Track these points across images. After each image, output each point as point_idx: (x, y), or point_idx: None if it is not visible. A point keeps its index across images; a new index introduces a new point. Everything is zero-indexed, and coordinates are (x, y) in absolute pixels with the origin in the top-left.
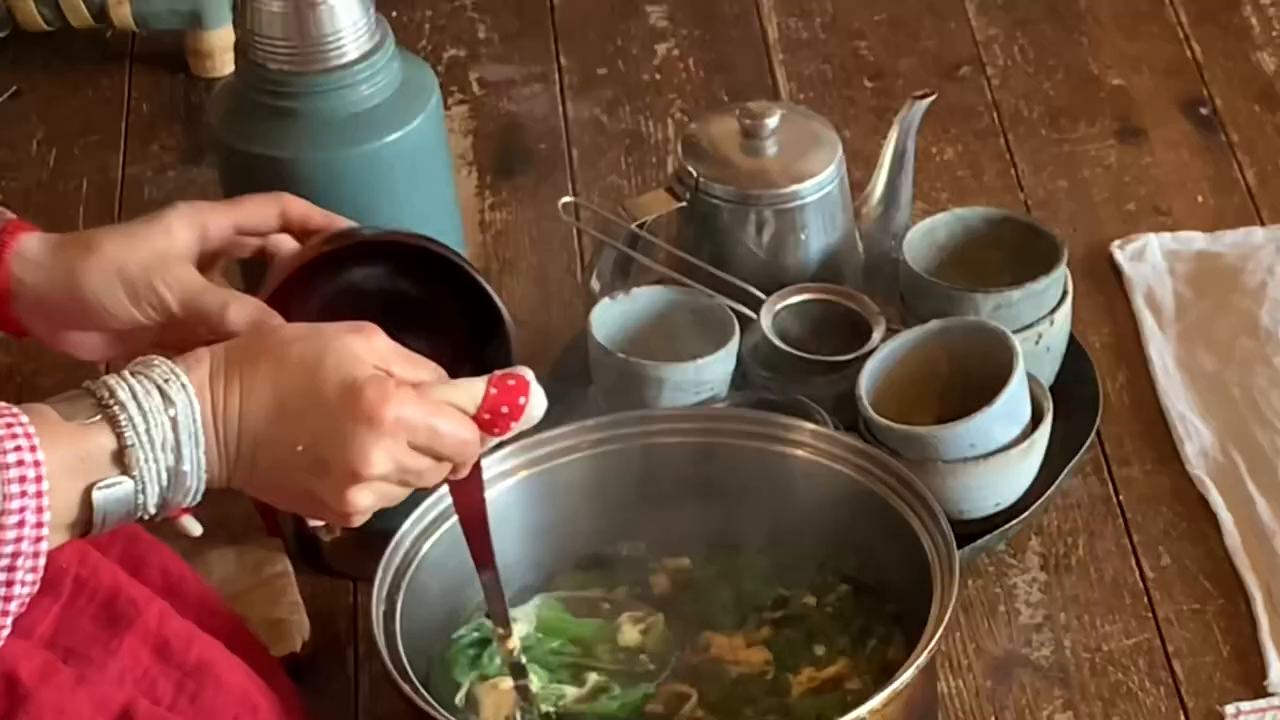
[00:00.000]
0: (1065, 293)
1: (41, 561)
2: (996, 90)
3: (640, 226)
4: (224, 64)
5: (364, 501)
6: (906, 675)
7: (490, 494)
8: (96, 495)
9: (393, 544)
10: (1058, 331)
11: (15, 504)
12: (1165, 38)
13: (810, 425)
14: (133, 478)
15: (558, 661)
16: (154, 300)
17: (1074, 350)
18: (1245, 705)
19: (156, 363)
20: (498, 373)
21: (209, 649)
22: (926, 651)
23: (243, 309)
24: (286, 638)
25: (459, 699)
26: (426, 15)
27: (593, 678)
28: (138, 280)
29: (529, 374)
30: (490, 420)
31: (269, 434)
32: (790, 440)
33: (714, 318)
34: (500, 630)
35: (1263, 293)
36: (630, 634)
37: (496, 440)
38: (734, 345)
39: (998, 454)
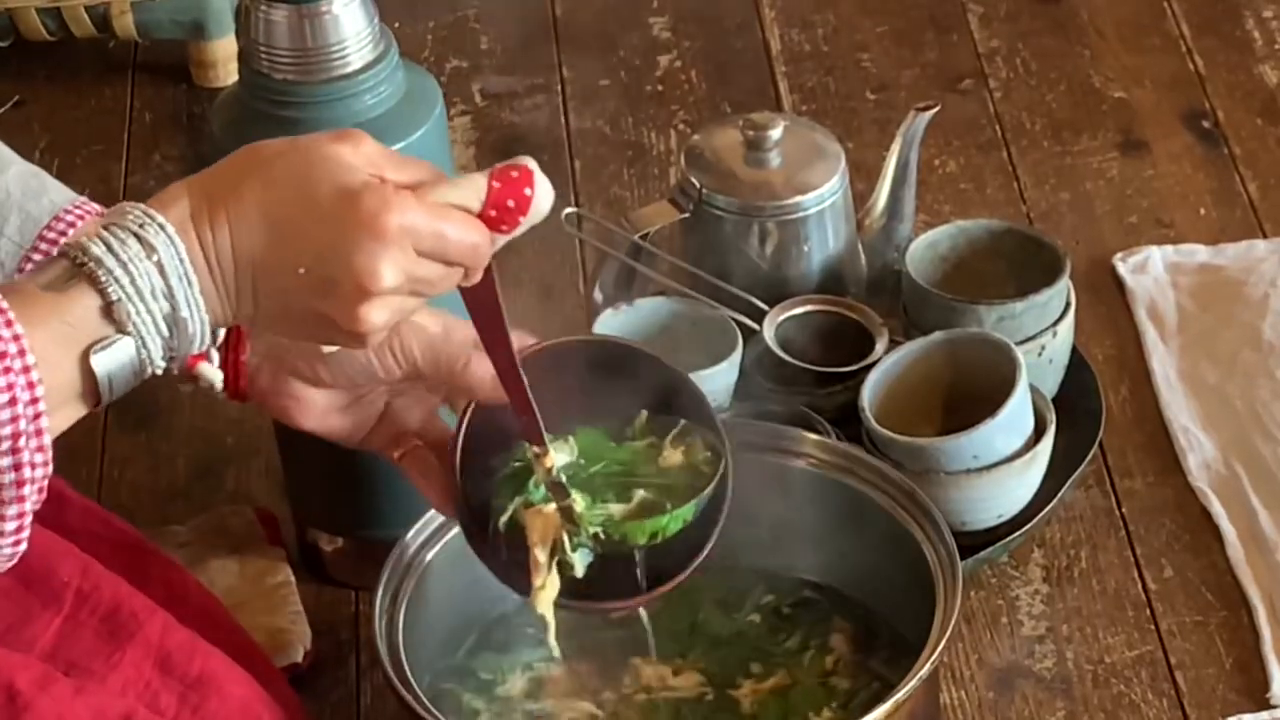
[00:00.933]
0: (1068, 305)
1: (47, 440)
2: (999, 103)
3: (643, 238)
4: (227, 74)
5: (378, 318)
6: (909, 686)
7: None
8: (95, 360)
9: (394, 553)
10: (1060, 343)
11: (0, 381)
12: (1167, 50)
13: (813, 436)
14: (128, 333)
15: (604, 482)
16: (397, 346)
17: (1076, 362)
18: (1247, 718)
19: (129, 209)
20: (498, 165)
21: (212, 661)
22: (929, 663)
23: (485, 362)
24: (288, 648)
25: (502, 524)
26: (429, 26)
27: (639, 493)
28: (385, 336)
29: (532, 163)
30: (497, 217)
31: (267, 260)
32: (793, 451)
33: (717, 329)
34: (536, 449)
35: (1265, 305)
36: (673, 455)
37: (507, 238)
38: (737, 357)
39: (1000, 466)
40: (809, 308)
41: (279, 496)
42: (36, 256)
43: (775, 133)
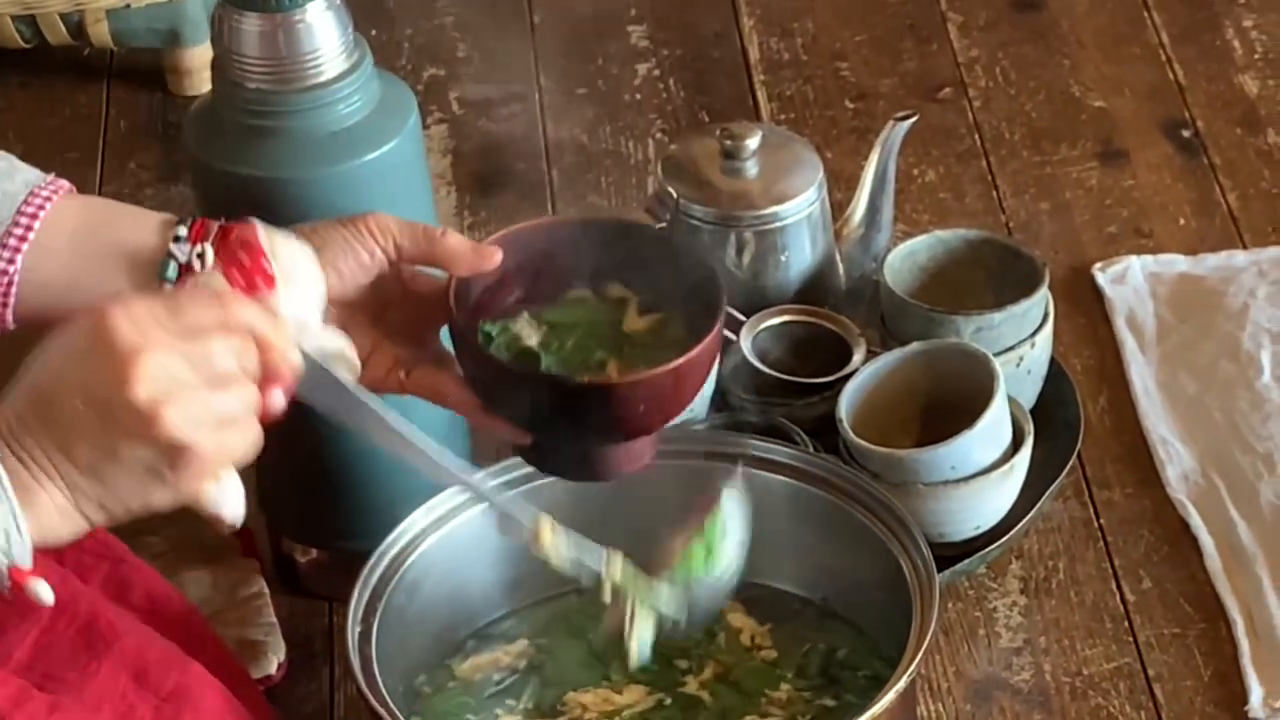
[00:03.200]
0: (1046, 315)
1: None
2: (978, 112)
3: None
4: (202, 82)
5: (176, 414)
6: (886, 699)
7: (466, 516)
8: None
9: (369, 564)
10: (1039, 354)
11: None
12: (1147, 60)
13: (789, 448)
14: None
15: (584, 344)
16: (374, 226)
17: (1055, 373)
18: None
19: None
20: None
21: (189, 673)
22: (906, 675)
23: (453, 233)
24: (262, 659)
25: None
26: (406, 34)
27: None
28: (355, 223)
29: (255, 238)
30: (247, 284)
31: (52, 419)
32: (769, 462)
33: None
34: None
35: (1244, 316)
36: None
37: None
38: (714, 367)
39: (978, 477)
40: (786, 318)
41: (254, 508)
42: (16, 231)
43: (753, 142)
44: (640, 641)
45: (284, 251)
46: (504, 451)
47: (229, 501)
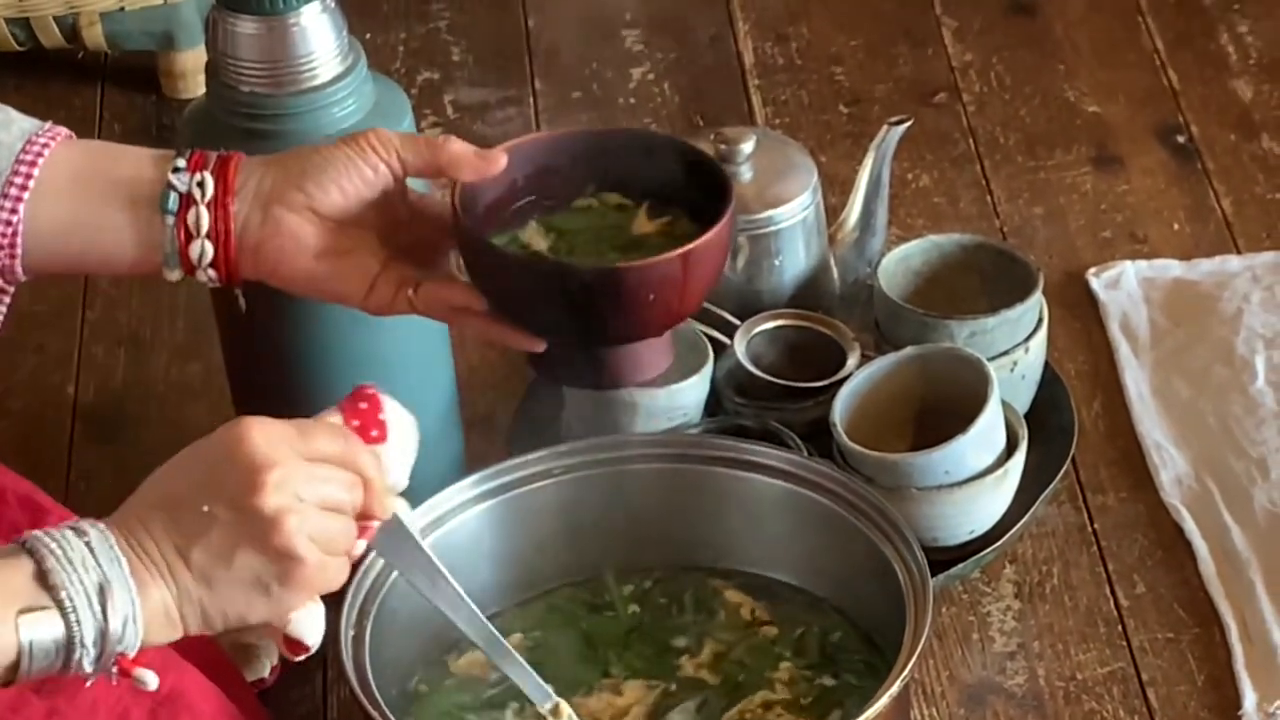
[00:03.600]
0: (1041, 320)
1: None
2: (973, 117)
3: None
4: (197, 85)
5: (294, 523)
6: (880, 703)
7: (461, 519)
8: (22, 622)
9: (361, 568)
10: (1033, 359)
11: None
12: (1142, 65)
13: (784, 452)
14: (59, 601)
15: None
16: (375, 141)
17: (1049, 377)
18: None
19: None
20: (345, 402)
21: (183, 677)
22: (900, 679)
23: (455, 139)
24: (255, 663)
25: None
26: (400, 38)
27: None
28: (356, 140)
29: (377, 393)
30: (362, 430)
31: (176, 520)
32: (764, 467)
33: (688, 343)
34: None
35: (1238, 321)
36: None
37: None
38: (708, 371)
39: (972, 481)
40: (780, 322)
41: None
42: (16, 180)
43: (747, 146)
44: None
45: (393, 412)
46: (498, 454)
47: (313, 628)
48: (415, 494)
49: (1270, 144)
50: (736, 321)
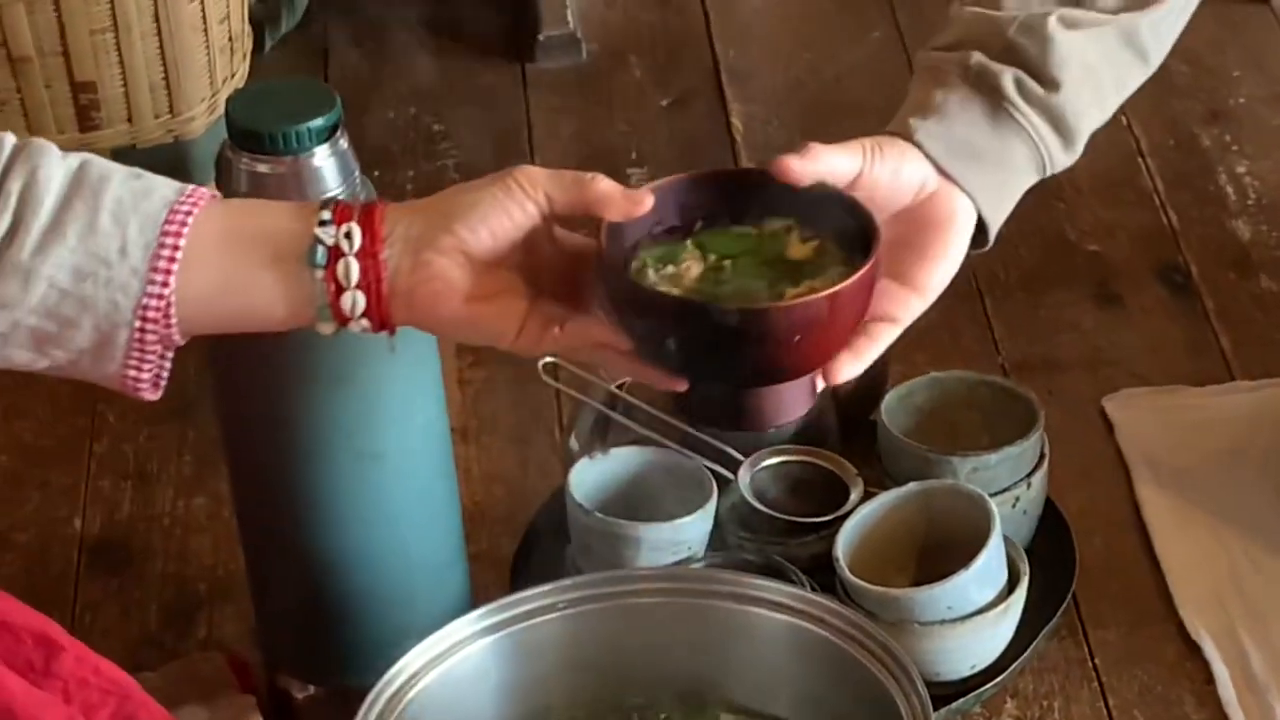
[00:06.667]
0: (1042, 456)
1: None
2: (974, 257)
3: (619, 387)
4: None
5: None
6: None
7: (466, 653)
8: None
9: (366, 702)
10: (1035, 494)
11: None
12: (1141, 205)
13: (787, 586)
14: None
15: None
16: (524, 180)
17: (1050, 512)
18: None
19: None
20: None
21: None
22: None
23: (602, 176)
24: None
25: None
26: (409, 175)
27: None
28: (502, 179)
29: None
30: None
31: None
32: (766, 601)
33: (692, 478)
34: None
35: (1251, 444)
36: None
37: None
38: (711, 506)
39: (974, 616)
40: (783, 458)
41: (252, 644)
42: (164, 253)
43: None
44: None
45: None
46: (502, 588)
47: None
48: (418, 628)
49: (1269, 283)
50: (740, 457)
